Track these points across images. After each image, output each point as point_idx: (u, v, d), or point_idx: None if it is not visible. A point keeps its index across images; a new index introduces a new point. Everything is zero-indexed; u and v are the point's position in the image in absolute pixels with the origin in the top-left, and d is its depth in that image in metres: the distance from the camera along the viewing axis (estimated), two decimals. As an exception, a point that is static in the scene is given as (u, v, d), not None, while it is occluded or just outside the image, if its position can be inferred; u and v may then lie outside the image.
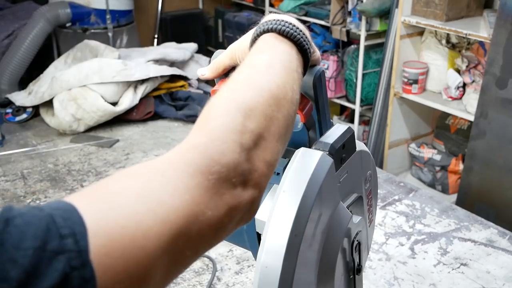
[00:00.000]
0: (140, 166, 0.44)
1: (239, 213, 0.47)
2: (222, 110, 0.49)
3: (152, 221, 0.39)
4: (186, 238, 0.42)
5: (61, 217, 0.36)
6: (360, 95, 3.20)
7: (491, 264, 1.20)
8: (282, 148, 0.53)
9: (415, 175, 3.04)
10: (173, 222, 0.40)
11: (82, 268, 0.34)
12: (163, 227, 0.40)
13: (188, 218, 0.42)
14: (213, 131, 0.47)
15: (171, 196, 0.41)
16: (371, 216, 0.79)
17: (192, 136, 0.48)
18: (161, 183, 0.42)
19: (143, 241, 0.38)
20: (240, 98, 0.50)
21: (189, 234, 0.42)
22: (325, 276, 0.63)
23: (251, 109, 0.49)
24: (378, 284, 1.14)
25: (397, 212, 1.39)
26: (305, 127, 0.66)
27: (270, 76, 0.53)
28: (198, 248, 0.45)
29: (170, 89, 2.06)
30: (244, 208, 0.48)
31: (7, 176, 1.59)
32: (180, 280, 1.17)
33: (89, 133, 1.87)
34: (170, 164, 0.44)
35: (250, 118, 0.48)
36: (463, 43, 2.71)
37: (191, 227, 0.42)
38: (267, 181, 0.50)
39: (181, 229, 0.41)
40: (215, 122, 0.48)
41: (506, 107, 2.16)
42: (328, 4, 3.28)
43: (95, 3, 3.07)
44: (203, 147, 0.45)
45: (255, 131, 0.48)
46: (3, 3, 3.19)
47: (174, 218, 0.41)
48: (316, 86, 0.63)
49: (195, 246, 0.44)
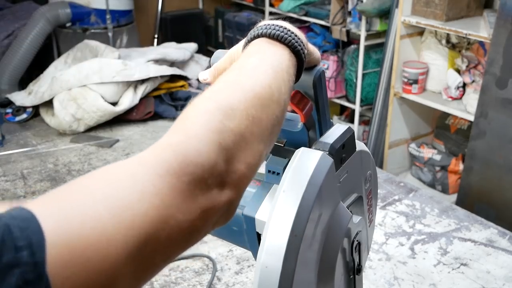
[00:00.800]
0: (110, 167, 0.42)
1: (214, 216, 0.46)
2: (202, 108, 0.47)
3: (117, 227, 0.37)
4: (155, 244, 0.40)
5: (18, 227, 0.33)
6: (360, 95, 3.20)
7: (491, 264, 1.20)
8: (266, 149, 0.51)
9: (415, 175, 3.04)
10: (140, 227, 0.38)
11: (38, 281, 0.33)
12: (129, 234, 0.38)
13: (157, 223, 0.40)
14: (190, 129, 0.45)
15: (139, 200, 0.39)
16: (371, 216, 0.79)
17: (168, 134, 0.46)
18: (129, 185, 0.40)
19: (106, 249, 0.36)
20: (221, 97, 0.49)
21: (158, 239, 0.40)
22: (325, 276, 0.63)
23: (232, 108, 0.47)
24: (378, 284, 1.14)
25: (397, 212, 1.39)
26: (305, 127, 0.66)
27: (255, 77, 0.51)
28: (169, 254, 0.42)
29: (170, 89, 2.06)
30: (220, 210, 0.46)
31: (7, 176, 1.59)
32: (180, 280, 1.17)
33: (89, 133, 1.87)
34: (141, 165, 0.42)
35: (230, 118, 0.47)
36: (463, 43, 2.71)
37: (160, 233, 0.40)
38: (247, 183, 0.49)
39: (149, 235, 0.39)
40: (193, 120, 0.46)
41: (506, 107, 2.16)
42: (328, 4, 3.28)
43: (95, 3, 3.07)
44: (178, 145, 0.43)
45: (235, 130, 0.46)
46: (3, 3, 3.19)
47: (140, 223, 0.38)
48: (316, 86, 0.63)
49: (165, 252, 0.42)
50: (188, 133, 0.45)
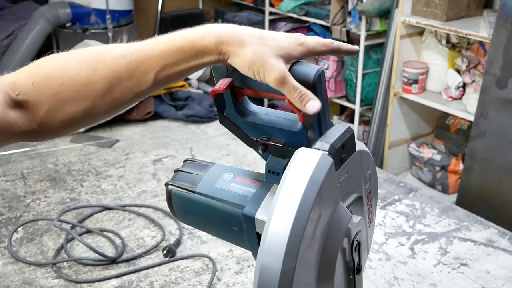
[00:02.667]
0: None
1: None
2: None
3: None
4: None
5: None
6: (360, 95, 3.20)
7: (491, 264, 1.20)
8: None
9: (415, 175, 3.04)
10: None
11: None
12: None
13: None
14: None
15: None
16: (371, 216, 0.79)
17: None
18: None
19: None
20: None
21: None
22: (325, 276, 0.63)
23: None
24: (378, 284, 1.14)
25: (397, 212, 1.39)
26: (304, 128, 0.66)
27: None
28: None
29: (170, 89, 2.06)
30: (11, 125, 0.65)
31: (7, 176, 1.59)
32: (180, 280, 1.17)
33: (89, 133, 1.87)
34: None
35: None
36: (463, 43, 2.71)
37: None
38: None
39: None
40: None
41: (506, 107, 2.16)
42: (328, 4, 3.28)
43: (95, 3, 3.07)
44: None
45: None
46: (3, 3, 3.19)
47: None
48: (316, 86, 0.63)
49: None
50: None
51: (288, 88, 0.61)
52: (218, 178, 0.73)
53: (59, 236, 1.31)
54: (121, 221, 1.37)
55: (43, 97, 0.66)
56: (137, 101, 0.69)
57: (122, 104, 0.68)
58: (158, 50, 0.65)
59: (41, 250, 1.26)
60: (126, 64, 0.66)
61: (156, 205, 1.43)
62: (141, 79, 0.66)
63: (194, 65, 0.65)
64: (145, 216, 1.39)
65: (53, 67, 0.68)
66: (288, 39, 0.64)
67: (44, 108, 0.66)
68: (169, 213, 1.38)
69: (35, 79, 0.67)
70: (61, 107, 0.67)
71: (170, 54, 0.65)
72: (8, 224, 1.36)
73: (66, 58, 0.69)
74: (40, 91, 0.67)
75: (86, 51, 0.69)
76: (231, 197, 0.70)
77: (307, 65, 0.64)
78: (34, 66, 0.69)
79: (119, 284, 1.16)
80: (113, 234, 1.32)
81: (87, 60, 0.68)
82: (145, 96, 0.69)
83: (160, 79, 0.66)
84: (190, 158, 0.79)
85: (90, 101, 0.66)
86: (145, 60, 0.65)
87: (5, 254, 1.25)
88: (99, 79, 0.66)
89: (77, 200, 1.46)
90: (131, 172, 1.61)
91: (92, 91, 0.66)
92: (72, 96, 0.66)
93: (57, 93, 0.66)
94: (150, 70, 0.65)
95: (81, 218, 1.37)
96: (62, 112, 0.67)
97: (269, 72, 0.61)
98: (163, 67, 0.65)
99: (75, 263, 1.22)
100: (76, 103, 0.66)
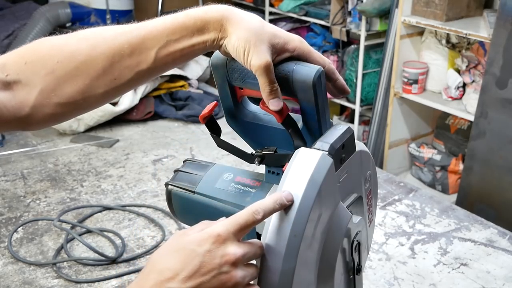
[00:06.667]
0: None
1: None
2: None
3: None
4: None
5: None
6: (360, 95, 3.20)
7: (491, 264, 1.20)
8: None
9: (415, 175, 3.04)
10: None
11: None
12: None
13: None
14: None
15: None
16: (371, 216, 0.79)
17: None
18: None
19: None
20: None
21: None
22: (325, 276, 0.63)
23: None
24: (378, 284, 1.14)
25: (397, 212, 1.39)
26: (285, 127, 0.66)
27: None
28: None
29: (170, 89, 2.06)
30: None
31: (7, 176, 1.59)
32: (180, 280, 1.17)
33: (89, 133, 1.87)
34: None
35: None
36: (463, 43, 2.71)
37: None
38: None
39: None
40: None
41: (506, 107, 2.16)
42: (328, 4, 3.28)
43: (95, 3, 3.07)
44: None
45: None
46: (3, 3, 3.19)
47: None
48: (315, 87, 0.63)
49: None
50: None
51: (267, 78, 0.62)
52: (218, 178, 0.73)
53: (59, 236, 1.31)
54: (121, 221, 1.37)
55: (37, 76, 0.64)
56: (135, 84, 0.68)
57: (120, 85, 0.67)
58: (161, 26, 0.65)
59: (41, 250, 1.26)
60: (128, 40, 0.65)
61: (156, 205, 1.43)
62: (141, 57, 0.65)
63: (195, 42, 0.65)
64: (145, 216, 1.39)
65: (50, 45, 0.66)
66: (289, 33, 0.66)
67: (38, 88, 0.65)
68: (169, 213, 1.38)
69: (28, 58, 0.65)
70: (56, 86, 0.65)
71: (172, 30, 0.65)
72: (8, 224, 1.36)
73: (64, 37, 0.67)
74: (35, 70, 0.65)
75: (86, 31, 0.67)
76: (231, 197, 0.70)
77: (307, 65, 0.64)
78: (26, 47, 0.67)
79: (119, 284, 1.16)
80: (113, 234, 1.32)
81: (87, 37, 0.66)
82: (144, 78, 0.68)
83: (160, 58, 0.65)
84: (190, 158, 0.79)
85: (88, 80, 0.65)
86: (147, 35, 0.65)
87: (5, 254, 1.25)
88: (99, 55, 0.64)
89: (77, 200, 1.46)
90: (131, 172, 1.61)
91: (91, 68, 0.65)
92: (69, 74, 0.64)
93: (53, 71, 0.64)
94: (151, 46, 0.65)
95: (81, 218, 1.37)
96: (58, 92, 0.65)
97: (257, 55, 0.62)
98: (165, 44, 0.65)
99: (75, 263, 1.22)
100: (73, 82, 0.65)
